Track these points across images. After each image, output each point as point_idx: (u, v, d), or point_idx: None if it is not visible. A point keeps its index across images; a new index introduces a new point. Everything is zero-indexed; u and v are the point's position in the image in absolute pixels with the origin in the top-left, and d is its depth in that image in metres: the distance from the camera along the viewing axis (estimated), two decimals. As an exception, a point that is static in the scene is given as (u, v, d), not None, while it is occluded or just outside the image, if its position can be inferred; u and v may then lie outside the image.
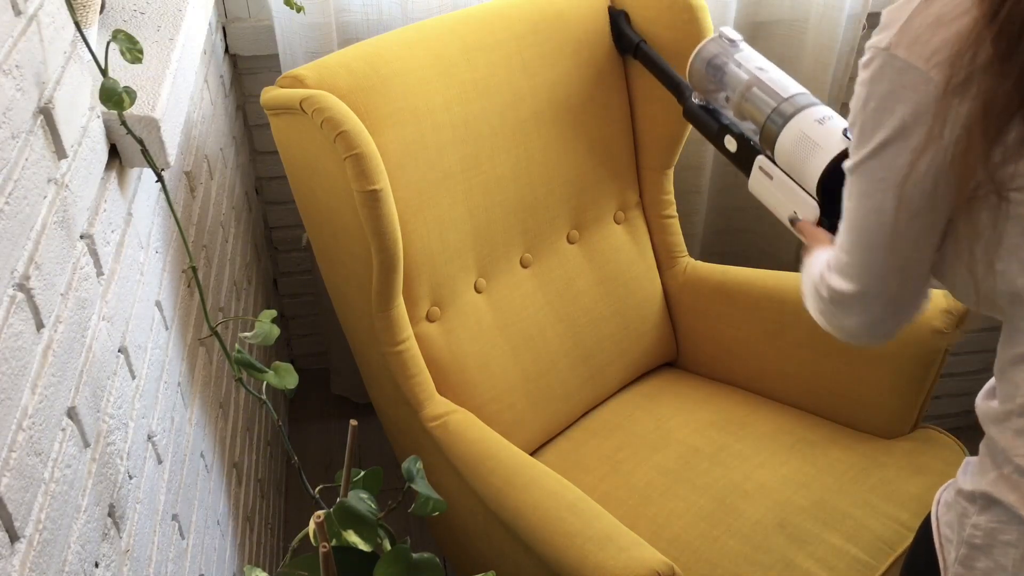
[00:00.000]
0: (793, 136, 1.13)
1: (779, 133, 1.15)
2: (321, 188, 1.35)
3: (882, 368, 1.49)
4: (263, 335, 0.99)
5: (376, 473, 0.96)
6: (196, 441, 1.19)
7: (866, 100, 0.79)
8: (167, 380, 1.07)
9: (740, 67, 1.24)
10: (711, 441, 1.54)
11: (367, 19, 1.72)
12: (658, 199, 1.72)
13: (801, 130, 1.12)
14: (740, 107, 1.23)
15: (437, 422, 1.40)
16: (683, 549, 1.36)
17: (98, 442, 0.82)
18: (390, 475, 0.98)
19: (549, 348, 1.59)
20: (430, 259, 1.43)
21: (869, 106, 0.79)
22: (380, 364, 1.44)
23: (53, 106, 0.77)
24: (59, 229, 0.77)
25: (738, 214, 2.20)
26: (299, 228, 2.00)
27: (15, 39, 0.71)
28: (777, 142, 1.15)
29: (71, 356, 0.77)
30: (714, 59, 1.28)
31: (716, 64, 1.27)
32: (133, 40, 0.86)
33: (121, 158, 0.96)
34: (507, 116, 1.50)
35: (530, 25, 1.52)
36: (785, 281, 1.62)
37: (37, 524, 0.67)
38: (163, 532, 1.01)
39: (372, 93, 1.34)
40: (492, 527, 1.33)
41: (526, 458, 1.33)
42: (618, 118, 1.64)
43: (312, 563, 0.85)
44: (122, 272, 0.93)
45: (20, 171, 0.70)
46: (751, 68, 1.23)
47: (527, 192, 1.55)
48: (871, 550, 1.34)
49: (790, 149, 1.13)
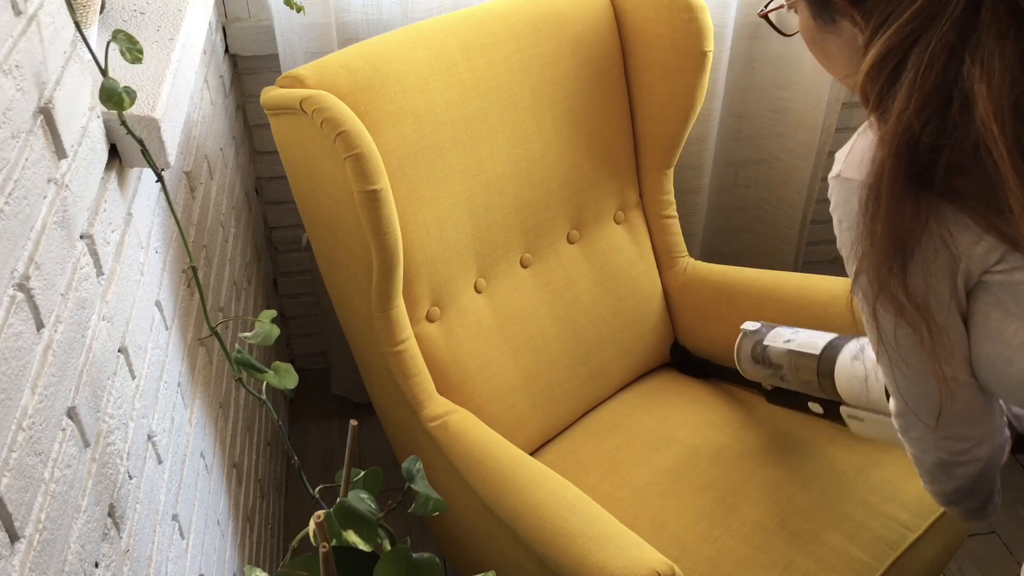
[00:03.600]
0: (845, 384, 1.24)
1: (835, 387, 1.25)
2: (321, 188, 1.35)
3: (882, 368, 1.50)
4: (263, 335, 0.99)
5: (376, 473, 0.96)
6: (196, 441, 1.19)
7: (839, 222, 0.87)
8: (167, 380, 1.07)
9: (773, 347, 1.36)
10: (711, 441, 1.54)
11: (367, 19, 1.72)
12: (658, 199, 1.72)
13: (849, 375, 1.23)
14: (795, 378, 1.33)
15: (437, 422, 1.40)
16: (683, 549, 1.36)
17: (98, 442, 0.82)
18: (390, 475, 0.98)
19: (549, 348, 1.59)
20: (430, 259, 1.43)
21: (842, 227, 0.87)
22: (380, 364, 1.44)
23: (53, 106, 0.77)
24: (59, 229, 0.77)
25: (738, 214, 2.20)
26: (299, 228, 2.00)
27: (15, 39, 0.71)
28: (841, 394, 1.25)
29: (71, 356, 0.77)
30: (753, 352, 1.40)
31: (756, 354, 1.39)
32: (133, 40, 0.86)
33: (121, 158, 0.96)
34: (507, 116, 1.50)
35: (530, 25, 1.52)
36: (785, 281, 1.62)
37: (37, 524, 0.67)
38: (163, 532, 1.01)
39: (372, 93, 1.34)
40: (492, 527, 1.33)
41: (526, 458, 1.33)
42: (618, 118, 1.64)
43: (312, 563, 0.85)
44: (122, 272, 0.93)
45: (20, 171, 0.70)
46: (780, 344, 1.35)
47: (527, 192, 1.55)
48: (871, 550, 1.34)
49: (855, 395, 1.23)
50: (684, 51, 1.55)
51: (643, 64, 1.61)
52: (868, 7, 0.83)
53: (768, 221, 2.18)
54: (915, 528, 1.37)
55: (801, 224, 2.14)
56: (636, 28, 1.59)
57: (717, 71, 1.88)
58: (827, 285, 1.56)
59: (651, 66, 1.60)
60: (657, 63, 1.59)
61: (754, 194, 2.17)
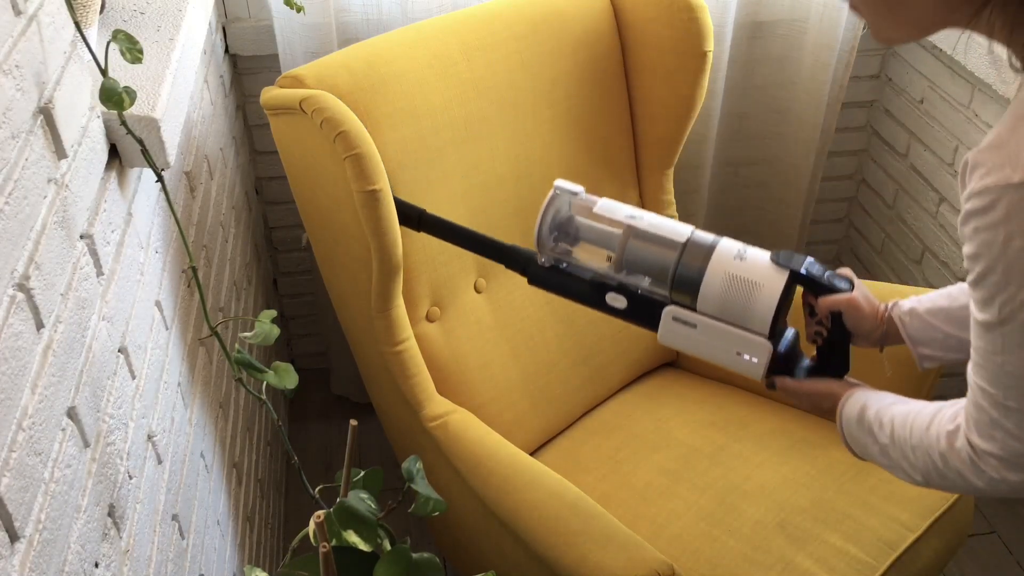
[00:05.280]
0: (720, 280, 1.04)
1: (699, 280, 1.05)
2: (321, 188, 1.35)
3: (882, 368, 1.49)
4: (263, 335, 0.99)
5: (376, 473, 0.96)
6: (196, 441, 1.19)
7: (1007, 240, 0.73)
8: (167, 380, 1.07)
9: (603, 219, 1.13)
10: (711, 441, 1.54)
11: (367, 19, 1.72)
12: (658, 199, 1.72)
13: (727, 273, 1.04)
14: (622, 261, 1.11)
15: (437, 422, 1.40)
16: (683, 549, 1.36)
17: (98, 442, 0.82)
18: (390, 475, 0.98)
19: (549, 348, 1.59)
20: (430, 259, 1.43)
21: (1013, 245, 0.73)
22: (380, 364, 1.44)
23: (53, 106, 0.77)
24: (59, 229, 0.77)
25: (738, 214, 2.20)
26: (299, 228, 2.00)
27: (15, 39, 0.71)
28: (701, 290, 1.05)
29: (71, 356, 0.77)
30: (558, 216, 1.15)
31: (560, 221, 1.15)
32: (133, 40, 0.86)
33: (121, 158, 0.96)
34: (507, 116, 1.50)
35: (530, 25, 1.52)
36: (785, 281, 1.61)
37: (37, 524, 0.67)
38: (163, 532, 1.01)
39: (372, 93, 1.34)
40: (492, 527, 1.33)
41: (526, 458, 1.33)
42: (618, 118, 1.64)
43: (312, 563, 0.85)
44: (122, 272, 0.93)
45: (20, 171, 0.70)
46: (619, 218, 1.11)
47: (527, 192, 1.55)
48: (871, 550, 1.34)
49: (721, 293, 1.04)
50: (684, 51, 1.55)
51: (643, 64, 1.61)
52: None
53: (768, 221, 2.18)
54: (915, 528, 1.37)
55: (801, 224, 2.14)
56: (636, 28, 1.59)
57: (717, 71, 1.88)
58: (827, 285, 1.56)
59: (651, 66, 1.60)
60: (657, 63, 1.59)
61: (754, 194, 2.17)
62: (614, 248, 1.12)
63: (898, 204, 2.10)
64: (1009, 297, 0.75)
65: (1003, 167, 0.72)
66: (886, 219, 2.16)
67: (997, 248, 0.73)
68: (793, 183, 2.09)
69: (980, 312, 0.79)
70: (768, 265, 1.03)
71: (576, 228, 1.14)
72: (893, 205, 2.12)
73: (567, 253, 1.16)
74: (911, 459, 0.92)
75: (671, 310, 1.09)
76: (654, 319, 1.10)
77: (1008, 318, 0.76)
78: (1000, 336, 0.78)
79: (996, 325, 0.77)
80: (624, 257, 1.11)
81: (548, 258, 1.17)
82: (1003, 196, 0.72)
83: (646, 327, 1.13)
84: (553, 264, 1.17)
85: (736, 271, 1.03)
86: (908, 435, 0.92)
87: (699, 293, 1.05)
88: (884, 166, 2.14)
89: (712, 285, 1.05)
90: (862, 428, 0.98)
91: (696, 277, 1.05)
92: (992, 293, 0.76)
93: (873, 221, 2.21)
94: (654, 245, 1.09)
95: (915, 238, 2.05)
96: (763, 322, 1.03)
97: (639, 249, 1.10)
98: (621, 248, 1.11)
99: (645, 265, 1.11)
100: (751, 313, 1.03)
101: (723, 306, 1.05)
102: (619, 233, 1.11)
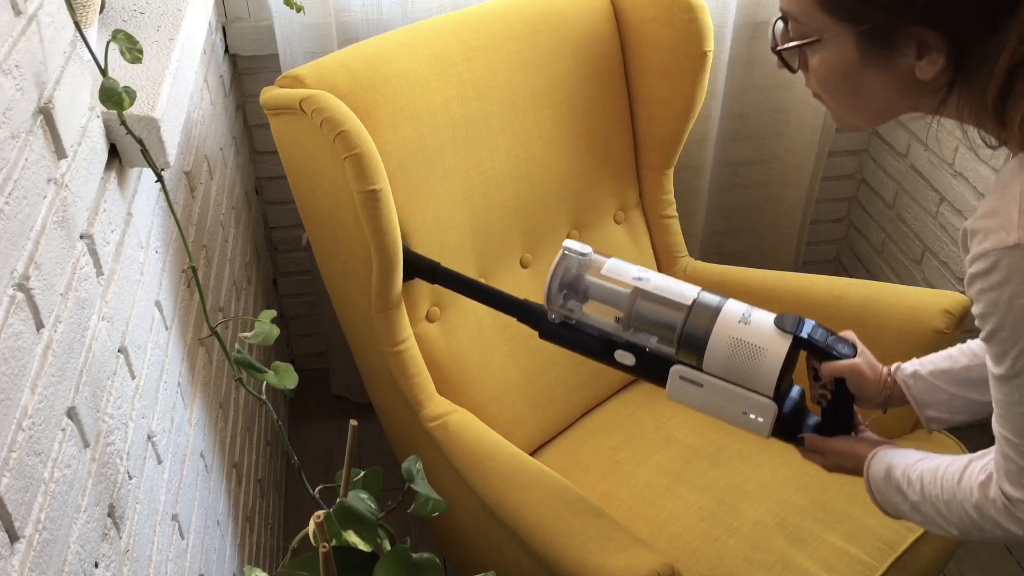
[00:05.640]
0: (725, 344, 1.07)
1: (705, 342, 1.08)
2: (321, 188, 1.35)
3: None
4: (263, 335, 0.99)
5: (376, 473, 0.96)
6: (196, 441, 1.19)
7: (1011, 299, 0.77)
8: (167, 380, 1.07)
9: (611, 279, 1.16)
10: (711, 441, 1.54)
11: (367, 19, 1.72)
12: (658, 199, 1.72)
13: (732, 336, 1.06)
14: (630, 321, 1.15)
15: (437, 422, 1.40)
16: (683, 549, 1.36)
17: (98, 442, 0.82)
18: (390, 475, 0.98)
19: (549, 348, 1.58)
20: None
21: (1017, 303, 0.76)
22: (380, 364, 1.44)
23: (53, 106, 0.77)
24: (59, 229, 0.77)
25: (738, 214, 2.20)
26: (299, 228, 2.00)
27: (15, 39, 0.71)
28: (706, 352, 1.08)
29: (71, 356, 0.77)
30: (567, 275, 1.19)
31: (570, 279, 1.19)
32: (133, 40, 0.86)
33: (121, 158, 0.96)
34: (507, 116, 1.50)
35: (530, 25, 1.52)
36: (785, 281, 1.62)
37: (37, 524, 0.67)
38: (163, 532, 1.01)
39: (372, 93, 1.34)
40: (492, 527, 1.33)
41: (526, 458, 1.33)
42: (618, 118, 1.64)
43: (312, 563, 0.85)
44: (122, 272, 0.93)
45: (20, 171, 0.70)
46: (627, 279, 1.15)
47: (527, 192, 1.55)
48: (871, 550, 1.34)
49: (726, 356, 1.07)
50: (684, 51, 1.55)
51: (643, 64, 1.61)
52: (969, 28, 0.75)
53: (768, 221, 2.18)
54: (915, 528, 1.37)
55: (801, 224, 2.14)
56: (636, 28, 1.59)
57: (717, 71, 1.88)
58: (827, 285, 1.56)
59: (651, 66, 1.60)
60: (657, 63, 1.59)
61: (754, 194, 2.17)
62: (622, 307, 1.15)
63: (898, 204, 2.10)
64: (1020, 351, 0.78)
65: (998, 231, 0.76)
66: (886, 219, 2.16)
67: (1003, 306, 0.77)
68: (793, 183, 2.09)
69: (996, 367, 0.82)
70: (772, 330, 1.06)
71: (585, 287, 1.18)
72: (893, 205, 2.12)
73: (576, 310, 1.20)
74: (945, 514, 0.94)
75: (678, 369, 1.12)
76: (662, 376, 1.14)
77: (1021, 370, 0.79)
78: (1016, 388, 0.81)
79: (1012, 378, 0.80)
80: (632, 317, 1.14)
81: (558, 315, 1.22)
82: (1002, 258, 0.76)
83: (654, 383, 1.16)
84: (563, 320, 1.22)
85: (741, 335, 1.06)
86: (940, 491, 0.94)
87: (705, 354, 1.08)
88: (884, 166, 2.13)
89: (717, 347, 1.07)
90: (890, 487, 1.00)
91: (702, 339, 1.08)
92: (1005, 349, 0.79)
93: (873, 221, 2.21)
94: (661, 306, 1.12)
95: (915, 238, 2.05)
96: (768, 385, 1.06)
97: (646, 309, 1.13)
98: (629, 308, 1.14)
99: (652, 325, 1.14)
100: (756, 375, 1.06)
101: (728, 367, 1.08)
102: (627, 293, 1.15)
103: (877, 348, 1.55)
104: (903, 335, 1.45)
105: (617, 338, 1.17)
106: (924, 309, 1.45)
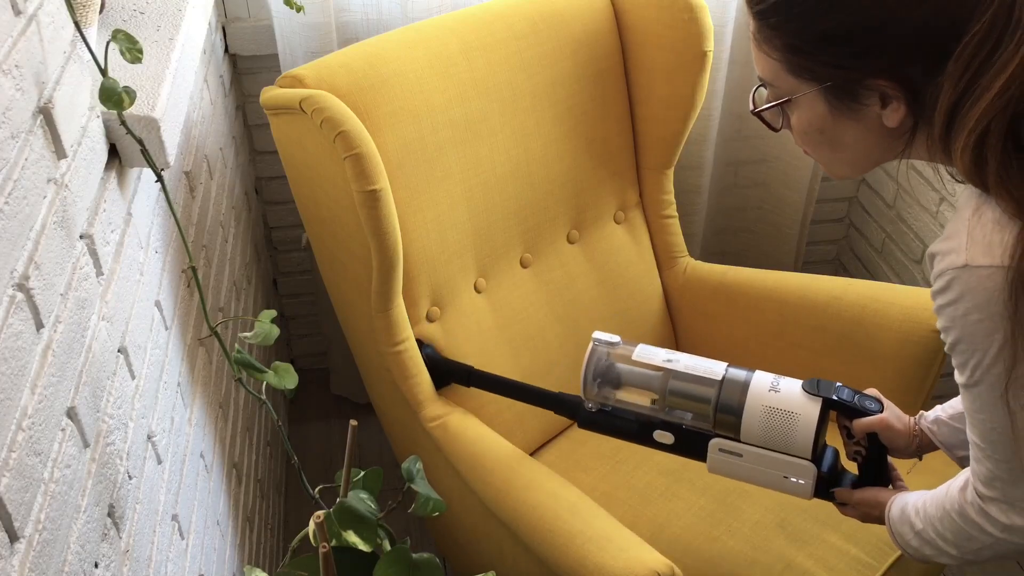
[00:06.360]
0: (759, 412, 1.12)
1: (740, 413, 1.13)
2: (321, 188, 1.35)
3: (882, 368, 1.49)
4: (263, 335, 0.98)
5: (376, 473, 0.96)
6: (196, 441, 1.19)
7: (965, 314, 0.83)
8: (167, 380, 1.07)
9: (641, 364, 1.21)
10: (711, 441, 1.54)
11: (367, 19, 1.72)
12: (658, 199, 1.72)
13: (765, 405, 1.12)
14: (665, 401, 1.20)
15: (436, 422, 1.40)
16: (683, 549, 1.36)
17: (98, 442, 0.82)
18: (390, 475, 0.98)
19: (549, 348, 1.59)
20: (430, 259, 1.43)
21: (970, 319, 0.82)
22: (380, 364, 1.44)
23: (53, 106, 0.77)
24: (59, 229, 0.77)
25: (738, 214, 2.20)
26: (299, 228, 2.00)
27: (15, 39, 0.71)
28: (743, 422, 1.13)
29: (71, 356, 0.77)
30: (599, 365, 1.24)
31: (602, 369, 1.24)
32: (133, 40, 0.86)
33: (121, 158, 0.95)
34: (507, 116, 1.50)
35: (530, 24, 1.52)
36: (785, 281, 1.62)
37: (37, 524, 0.67)
38: (163, 532, 1.01)
39: (372, 93, 1.34)
40: (492, 527, 1.33)
41: (526, 458, 1.33)
42: (618, 118, 1.64)
43: (312, 563, 0.85)
44: (122, 272, 0.93)
45: (20, 171, 0.70)
46: (657, 362, 1.20)
47: (527, 192, 1.55)
48: (871, 550, 1.34)
49: (762, 424, 1.12)
50: (684, 51, 1.55)
51: (643, 64, 1.61)
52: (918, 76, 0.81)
53: (768, 221, 2.18)
54: (915, 528, 1.37)
55: (801, 224, 2.14)
56: (636, 28, 1.59)
57: (717, 71, 1.88)
58: (827, 285, 1.56)
59: (651, 66, 1.60)
60: (657, 63, 1.59)
61: (754, 194, 2.17)
62: (656, 389, 1.21)
63: (898, 204, 2.10)
64: (977, 363, 0.84)
65: (951, 253, 0.83)
66: (886, 219, 2.16)
67: (959, 321, 0.83)
68: (793, 183, 2.09)
69: (958, 376, 0.87)
70: (801, 394, 1.11)
71: (617, 374, 1.24)
72: (893, 205, 2.12)
73: (611, 397, 1.25)
74: (941, 532, 0.99)
75: (717, 442, 1.17)
76: (702, 451, 1.19)
77: (980, 380, 0.85)
78: (977, 396, 0.86)
79: (972, 386, 0.86)
80: (667, 397, 1.20)
81: (594, 403, 1.27)
82: (956, 277, 0.82)
83: (694, 458, 1.21)
84: (600, 407, 1.27)
85: (773, 403, 1.12)
86: (935, 510, 0.99)
87: (741, 426, 1.14)
88: (884, 166, 2.14)
89: (752, 418, 1.13)
90: (904, 523, 1.04)
91: (737, 411, 1.14)
92: (964, 359, 0.85)
93: (873, 221, 2.21)
94: (693, 384, 1.18)
95: (915, 238, 2.05)
96: (804, 448, 1.11)
97: (680, 389, 1.19)
98: (663, 389, 1.20)
99: (687, 402, 1.19)
100: (792, 440, 1.11)
101: (765, 435, 1.13)
102: (659, 375, 1.20)
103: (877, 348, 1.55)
104: (903, 335, 1.45)
105: (654, 419, 1.22)
106: (924, 309, 1.45)
